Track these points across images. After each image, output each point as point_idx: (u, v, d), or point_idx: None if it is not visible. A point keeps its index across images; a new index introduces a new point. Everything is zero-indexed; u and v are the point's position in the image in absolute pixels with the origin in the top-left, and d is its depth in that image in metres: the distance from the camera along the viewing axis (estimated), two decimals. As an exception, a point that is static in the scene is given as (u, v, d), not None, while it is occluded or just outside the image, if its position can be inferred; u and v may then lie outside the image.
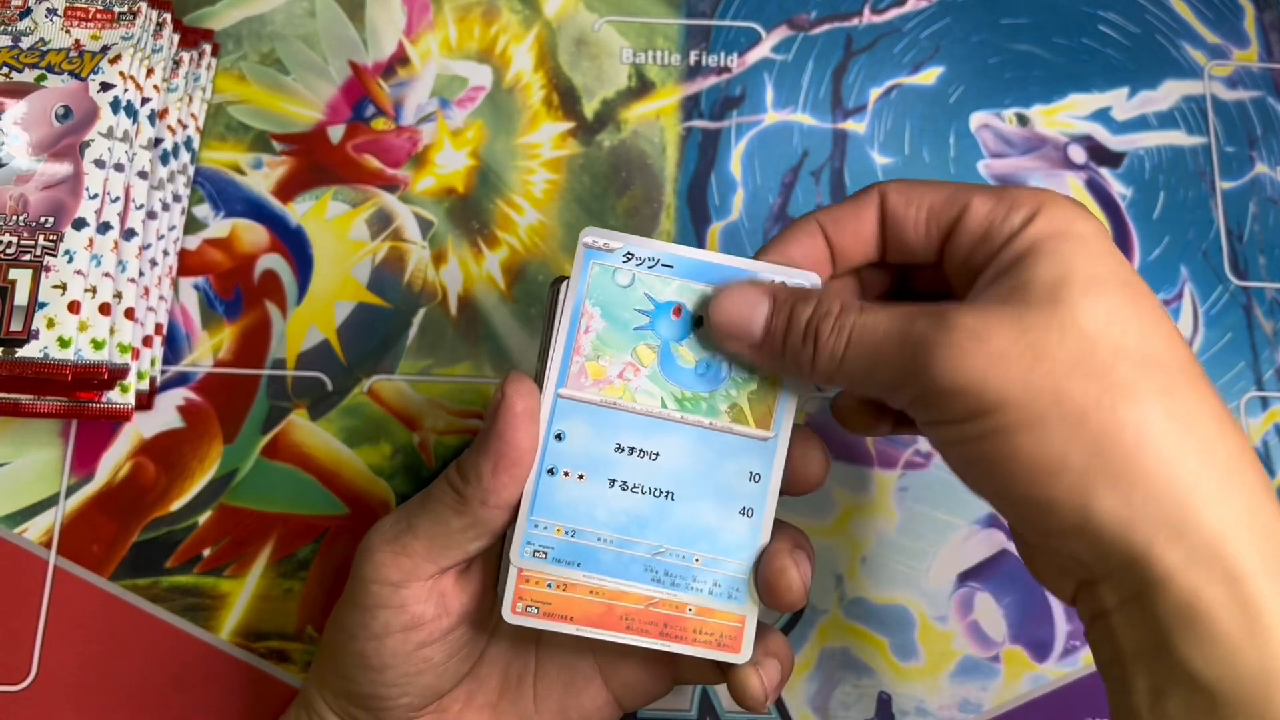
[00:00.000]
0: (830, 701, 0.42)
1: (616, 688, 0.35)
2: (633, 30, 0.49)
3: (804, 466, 0.32)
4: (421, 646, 0.31)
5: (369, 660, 0.31)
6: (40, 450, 0.42)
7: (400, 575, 0.31)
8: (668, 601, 0.31)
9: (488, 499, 0.30)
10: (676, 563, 0.31)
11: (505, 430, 0.30)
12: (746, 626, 0.31)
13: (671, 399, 0.31)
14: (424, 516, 0.31)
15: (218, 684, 0.41)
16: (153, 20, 0.43)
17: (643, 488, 0.31)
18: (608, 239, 0.31)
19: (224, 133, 0.47)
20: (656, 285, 0.32)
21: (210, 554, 0.42)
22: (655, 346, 0.31)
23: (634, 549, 0.31)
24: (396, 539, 0.31)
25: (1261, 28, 0.50)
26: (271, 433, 0.43)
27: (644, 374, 0.31)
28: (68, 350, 0.37)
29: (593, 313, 0.31)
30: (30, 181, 0.39)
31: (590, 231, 0.31)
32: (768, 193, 0.47)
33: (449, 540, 0.31)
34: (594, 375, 0.31)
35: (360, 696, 0.32)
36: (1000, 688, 0.42)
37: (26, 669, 0.40)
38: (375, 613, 0.31)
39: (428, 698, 0.33)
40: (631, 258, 0.31)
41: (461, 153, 0.47)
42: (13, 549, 0.41)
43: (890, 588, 0.43)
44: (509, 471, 0.30)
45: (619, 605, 0.31)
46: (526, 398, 0.30)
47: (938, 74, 0.49)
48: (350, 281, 0.45)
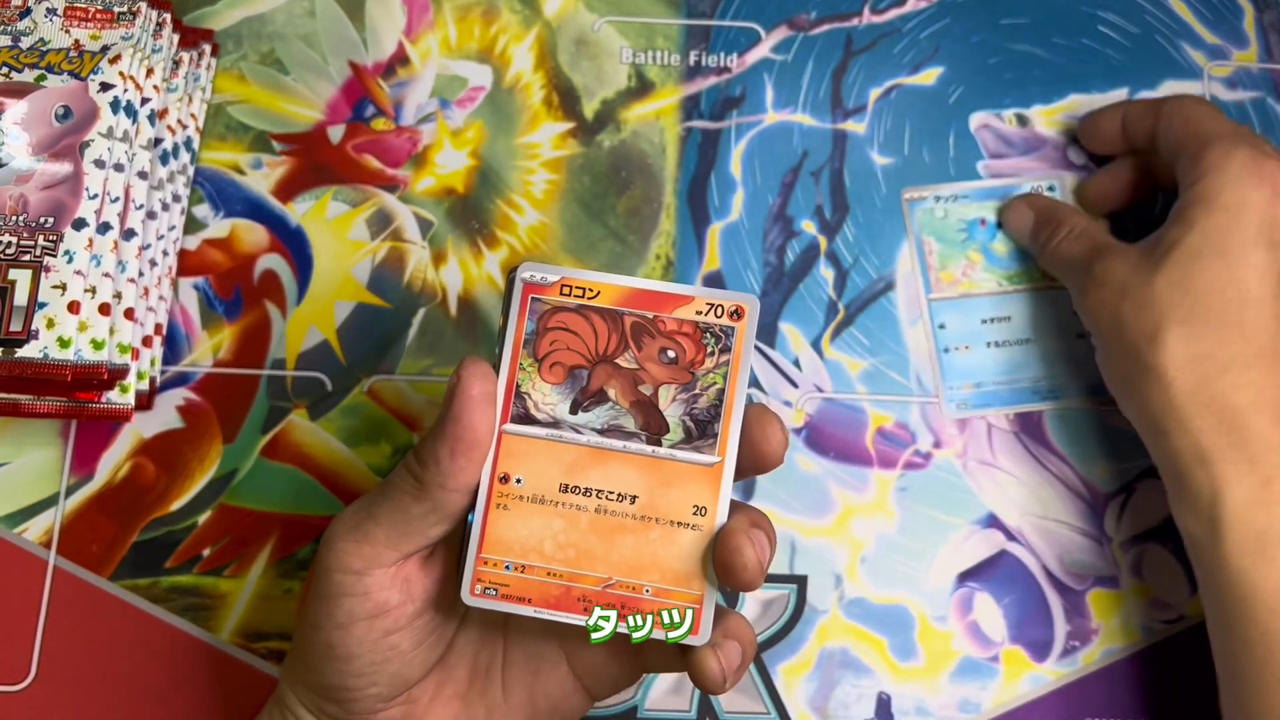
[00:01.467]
0: (829, 701, 0.42)
1: (583, 674, 0.35)
2: (632, 30, 0.49)
3: (762, 442, 0.31)
4: (388, 634, 0.31)
5: (335, 650, 0.31)
6: (40, 450, 0.42)
7: (362, 563, 0.31)
8: (624, 582, 0.31)
9: (446, 483, 0.30)
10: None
11: (462, 414, 0.30)
12: (705, 606, 0.31)
13: None
14: (384, 504, 0.31)
15: (217, 684, 0.41)
16: (152, 20, 0.43)
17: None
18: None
19: (224, 133, 0.47)
20: None
21: (210, 554, 0.42)
22: None
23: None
24: (358, 527, 0.31)
25: (1261, 28, 0.50)
26: (271, 433, 0.43)
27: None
28: (67, 350, 0.37)
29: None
30: (30, 181, 0.39)
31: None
32: (767, 193, 0.47)
33: (409, 526, 0.31)
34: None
35: (329, 688, 0.32)
36: (999, 688, 0.42)
37: (26, 669, 0.40)
38: (339, 601, 0.31)
39: (396, 687, 0.33)
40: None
41: (461, 153, 0.47)
42: (12, 549, 0.41)
43: (890, 588, 0.43)
44: (466, 455, 0.30)
45: (576, 586, 0.31)
46: (483, 381, 0.30)
47: (937, 74, 0.49)
48: (350, 281, 0.45)
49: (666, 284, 0.31)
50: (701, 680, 0.31)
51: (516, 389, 0.31)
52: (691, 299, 0.31)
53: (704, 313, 0.31)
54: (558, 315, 0.31)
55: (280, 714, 0.34)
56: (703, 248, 0.46)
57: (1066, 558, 0.43)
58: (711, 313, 0.31)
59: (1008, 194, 0.47)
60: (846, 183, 0.47)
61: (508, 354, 0.31)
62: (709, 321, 0.31)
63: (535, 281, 0.31)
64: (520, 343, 0.31)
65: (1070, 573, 0.43)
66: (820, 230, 0.47)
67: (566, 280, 0.31)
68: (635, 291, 0.31)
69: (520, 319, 0.31)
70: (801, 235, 0.47)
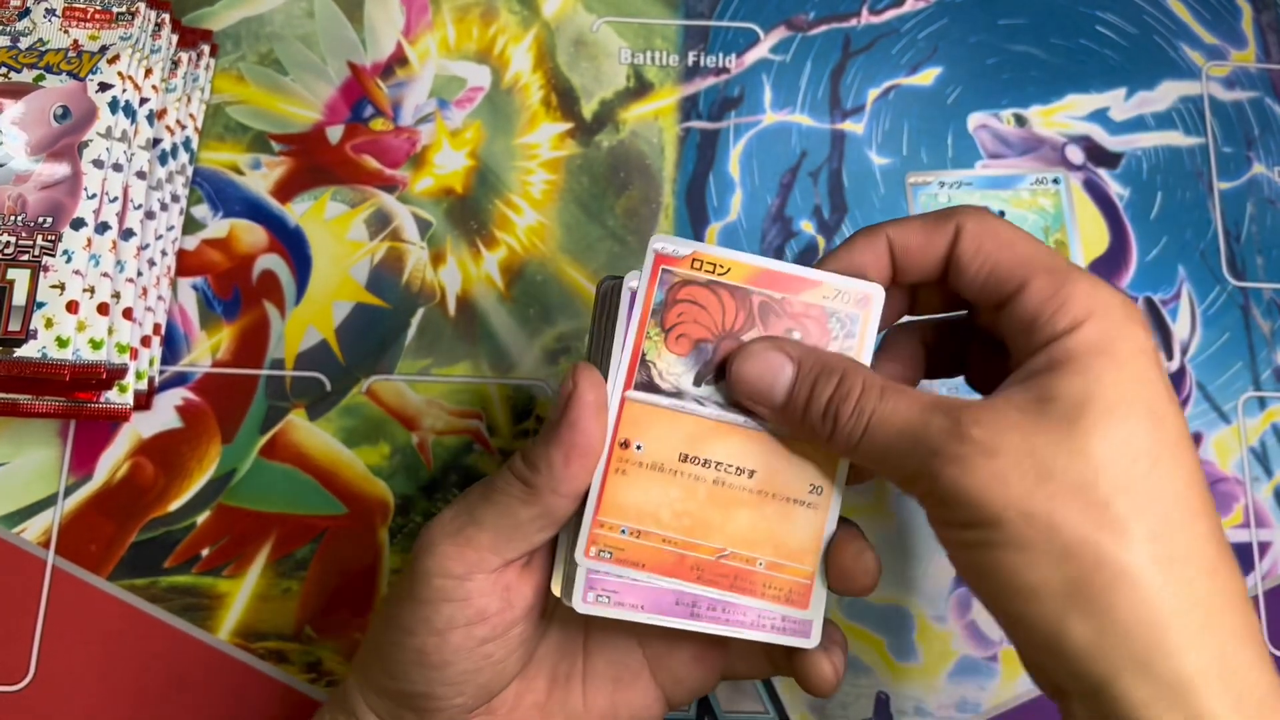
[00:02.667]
0: (829, 701, 0.42)
1: (665, 681, 0.35)
2: (631, 31, 0.49)
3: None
4: (484, 642, 0.31)
5: (429, 657, 0.31)
6: (38, 450, 0.42)
7: (464, 568, 0.30)
8: (739, 554, 0.31)
9: (559, 488, 0.30)
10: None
11: (579, 420, 0.30)
12: (815, 592, 0.32)
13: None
14: (488, 508, 0.30)
15: (216, 684, 0.41)
16: (151, 21, 0.43)
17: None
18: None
19: (222, 133, 0.47)
20: None
21: (208, 554, 0.42)
22: None
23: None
24: (459, 531, 0.31)
25: (1259, 28, 0.50)
26: (270, 433, 0.43)
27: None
28: (66, 350, 0.37)
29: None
30: (28, 181, 0.39)
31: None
32: (766, 193, 0.47)
33: (515, 531, 0.30)
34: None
35: (412, 696, 0.32)
36: (998, 687, 0.42)
37: (25, 669, 0.40)
38: (439, 607, 0.30)
39: (481, 698, 0.32)
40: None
41: (460, 153, 0.47)
42: (11, 549, 0.41)
43: (888, 588, 0.43)
44: (580, 461, 0.30)
45: (691, 555, 0.31)
46: (598, 388, 0.30)
47: (935, 75, 0.49)
48: (349, 282, 0.45)
49: (797, 267, 0.32)
50: (817, 684, 0.32)
51: (642, 357, 0.31)
52: (820, 283, 0.31)
53: (830, 297, 0.31)
54: (687, 288, 0.31)
55: (345, 718, 0.33)
56: (701, 248, 0.46)
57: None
58: (839, 298, 0.31)
59: (1013, 184, 0.47)
60: (845, 183, 0.47)
61: (636, 322, 0.31)
62: (835, 307, 0.32)
63: (667, 253, 0.31)
64: (649, 310, 0.31)
65: (1069, 572, 0.43)
66: (819, 230, 0.47)
67: (698, 254, 0.31)
68: (765, 271, 0.31)
69: (650, 287, 0.31)
70: (800, 235, 0.47)
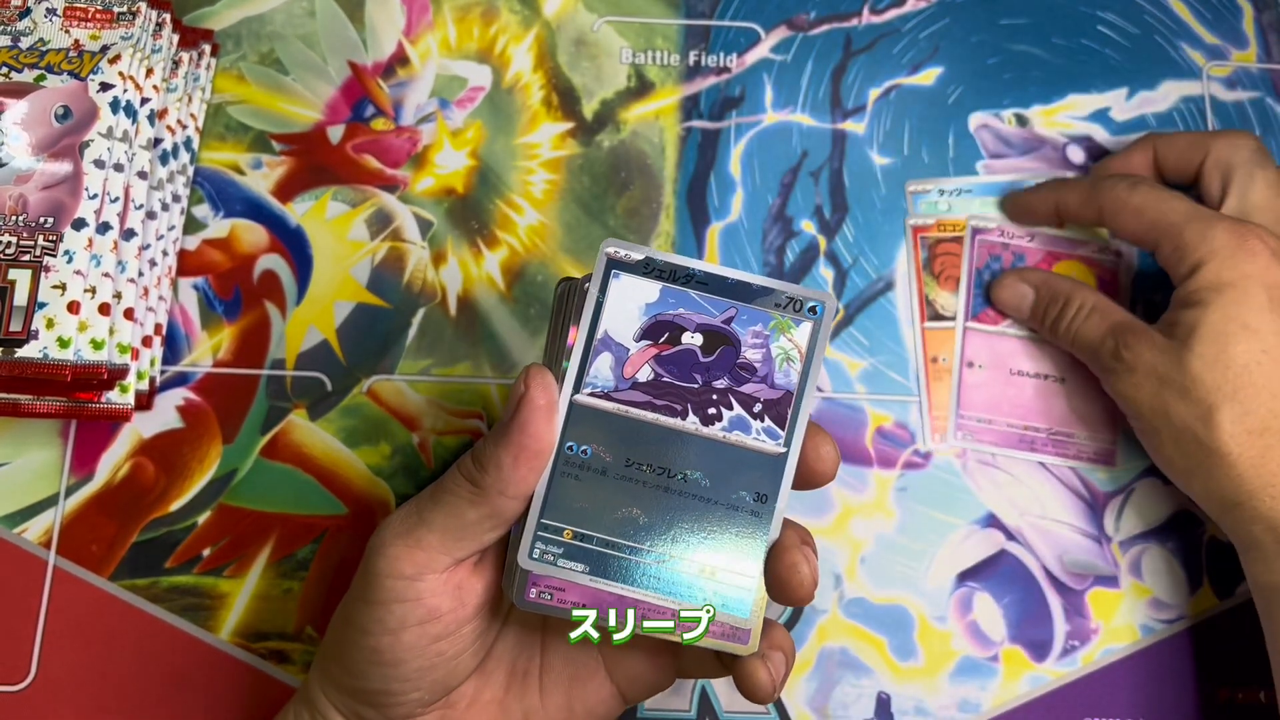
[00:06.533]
0: (829, 701, 0.42)
1: (620, 680, 0.35)
2: (632, 30, 0.49)
3: (815, 461, 0.32)
4: (437, 640, 0.31)
5: (383, 655, 0.31)
6: (40, 450, 0.42)
7: (415, 569, 0.31)
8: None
9: (507, 489, 0.30)
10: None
11: (529, 422, 0.30)
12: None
13: None
14: (437, 509, 0.31)
15: (217, 684, 0.41)
16: (152, 20, 0.43)
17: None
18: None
19: (223, 133, 0.47)
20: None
21: (210, 554, 0.42)
22: None
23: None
24: (409, 532, 0.31)
25: (1260, 28, 0.50)
26: (271, 433, 0.43)
27: None
28: (67, 350, 0.37)
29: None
30: (30, 181, 0.39)
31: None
32: (767, 193, 0.47)
33: (464, 532, 0.31)
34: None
35: (370, 693, 0.32)
36: (999, 688, 0.42)
37: (26, 669, 0.40)
38: (390, 607, 0.31)
39: (438, 693, 0.33)
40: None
41: (461, 153, 0.47)
42: (12, 549, 0.41)
43: (889, 587, 0.43)
44: (529, 463, 0.30)
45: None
46: (548, 391, 0.30)
47: (937, 74, 0.49)
48: (350, 282, 0.45)
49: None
50: (752, 690, 0.32)
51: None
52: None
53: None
54: None
55: (309, 715, 0.34)
56: (702, 248, 0.46)
57: (1066, 558, 0.43)
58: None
59: (1012, 188, 0.47)
60: (846, 183, 0.47)
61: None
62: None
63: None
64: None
65: (1070, 572, 0.43)
66: (820, 230, 0.47)
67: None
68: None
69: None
70: (801, 235, 0.47)
